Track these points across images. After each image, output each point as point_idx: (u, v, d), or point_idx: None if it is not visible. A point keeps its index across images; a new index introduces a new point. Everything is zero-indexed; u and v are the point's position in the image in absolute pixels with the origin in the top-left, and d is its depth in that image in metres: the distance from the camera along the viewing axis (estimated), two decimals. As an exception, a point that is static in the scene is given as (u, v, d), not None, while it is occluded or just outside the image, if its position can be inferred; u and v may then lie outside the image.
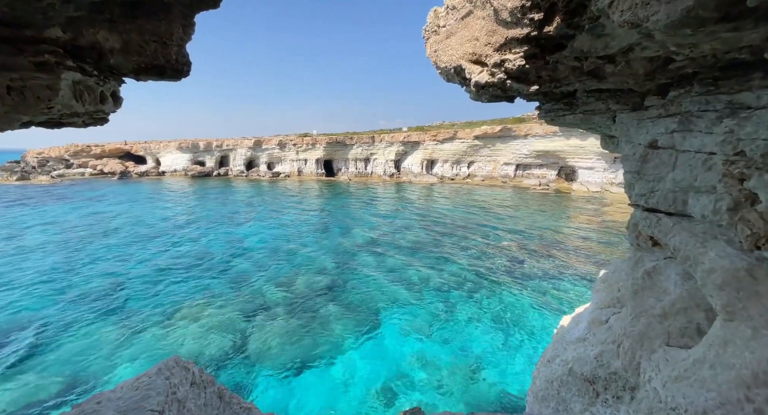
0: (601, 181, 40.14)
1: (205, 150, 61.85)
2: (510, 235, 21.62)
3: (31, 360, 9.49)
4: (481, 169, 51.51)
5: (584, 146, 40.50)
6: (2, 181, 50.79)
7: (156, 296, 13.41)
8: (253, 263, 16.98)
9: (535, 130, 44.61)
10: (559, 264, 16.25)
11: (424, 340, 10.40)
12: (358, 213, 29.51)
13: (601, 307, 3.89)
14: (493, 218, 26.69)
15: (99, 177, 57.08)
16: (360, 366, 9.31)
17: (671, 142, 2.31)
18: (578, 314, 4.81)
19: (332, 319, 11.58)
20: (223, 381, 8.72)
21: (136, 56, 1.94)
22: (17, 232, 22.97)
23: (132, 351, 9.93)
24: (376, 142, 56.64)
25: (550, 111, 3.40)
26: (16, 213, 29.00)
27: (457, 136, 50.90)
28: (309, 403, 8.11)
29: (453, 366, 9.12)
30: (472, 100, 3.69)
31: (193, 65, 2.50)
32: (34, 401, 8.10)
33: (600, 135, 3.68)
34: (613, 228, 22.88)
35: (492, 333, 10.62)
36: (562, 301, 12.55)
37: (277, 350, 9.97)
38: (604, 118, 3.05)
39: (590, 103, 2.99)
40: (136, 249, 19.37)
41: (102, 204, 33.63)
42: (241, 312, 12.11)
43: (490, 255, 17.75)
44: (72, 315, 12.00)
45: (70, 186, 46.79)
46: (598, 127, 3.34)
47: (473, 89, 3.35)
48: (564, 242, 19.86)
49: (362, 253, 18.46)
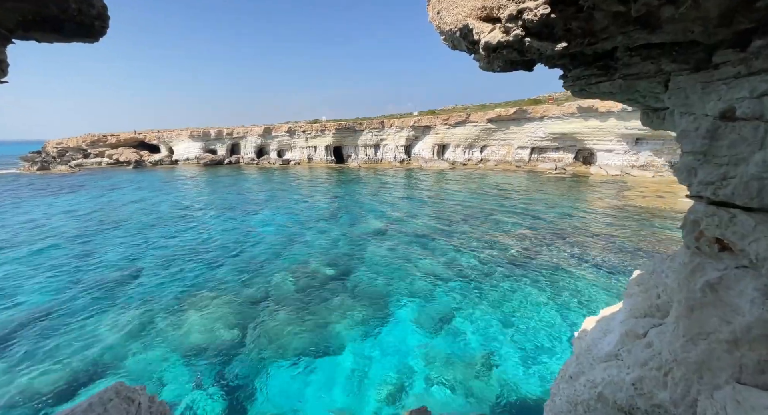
0: (621, 164, 38.31)
1: (216, 138, 62.05)
2: (525, 222, 20.79)
3: (38, 348, 9.58)
4: (494, 154, 49.98)
5: (604, 127, 38.54)
6: (24, 171, 52.36)
7: (167, 284, 13.42)
8: (262, 251, 16.84)
9: (552, 111, 42.67)
10: (577, 253, 15.48)
11: (434, 334, 10.01)
12: (368, 200, 29.04)
13: (637, 315, 3.30)
14: (506, 204, 25.78)
15: (115, 166, 58.18)
16: (368, 360, 9.03)
17: (758, 110, 1.67)
18: (604, 318, 4.22)
19: (341, 310, 11.31)
20: (231, 372, 8.59)
21: (13, 1, 1.41)
22: (36, 220, 23.51)
23: (142, 340, 9.92)
24: (386, 127, 55.50)
25: (579, 78, 2.73)
26: (36, 202, 29.75)
27: (470, 120, 49.26)
28: (315, 395, 7.89)
29: (462, 363, 8.72)
30: (483, 69, 3.03)
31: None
32: (41, 390, 8.14)
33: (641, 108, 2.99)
34: (635, 213, 21.73)
35: (506, 329, 10.12)
36: (581, 295, 11.89)
37: (285, 340, 9.78)
38: (652, 84, 2.39)
39: (634, 64, 2.33)
40: (147, 237, 19.52)
41: (116, 193, 34.19)
42: (250, 301, 11.99)
43: (504, 244, 17.08)
44: (83, 302, 12.10)
45: (87, 175, 47.85)
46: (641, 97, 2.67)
47: (483, 54, 2.70)
48: (582, 229, 18.95)
49: (372, 241, 18.07)
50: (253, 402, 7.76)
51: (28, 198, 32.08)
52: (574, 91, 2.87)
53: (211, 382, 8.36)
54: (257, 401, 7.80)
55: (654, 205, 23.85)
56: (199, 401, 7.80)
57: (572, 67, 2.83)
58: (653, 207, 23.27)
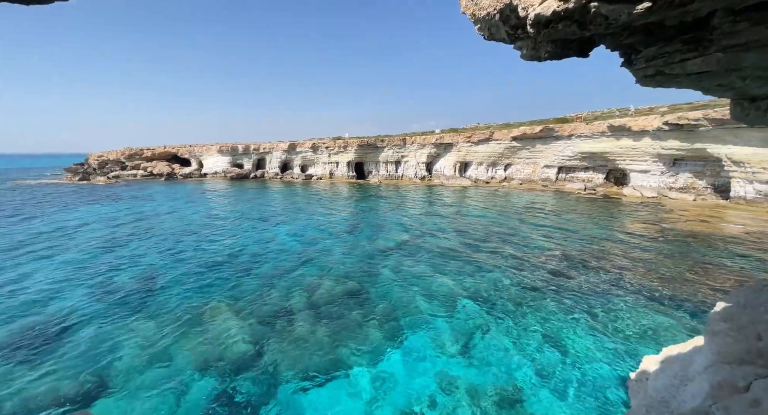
0: (657, 186, 36.10)
1: (243, 153, 64.30)
2: (553, 242, 19.59)
3: (53, 353, 9.52)
4: (518, 172, 48.68)
5: (637, 147, 36.74)
6: (66, 181, 56.14)
7: (183, 295, 13.33)
8: (281, 264, 16.62)
9: (580, 129, 41.34)
10: (613, 278, 14.22)
11: (455, 358, 9.18)
12: (388, 216, 28.61)
13: (729, 361, 2.58)
14: (533, 223, 24.58)
15: (149, 178, 61.21)
16: (385, 382, 8.33)
17: None
18: (672, 358, 3.46)
19: (357, 328, 10.71)
20: (241, 388, 8.13)
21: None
22: (70, 228, 24.62)
23: (157, 348, 9.70)
24: (408, 144, 55.65)
25: (656, 58, 2.21)
26: (76, 210, 31.38)
27: (493, 138, 48.56)
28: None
29: (485, 392, 7.83)
30: (526, 58, 2.57)
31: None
32: (54, 395, 7.96)
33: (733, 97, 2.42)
34: (676, 238, 20.03)
35: (534, 359, 9.13)
36: (620, 324, 10.71)
37: (300, 357, 9.27)
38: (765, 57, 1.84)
39: (741, 31, 1.79)
40: (172, 246, 19.85)
41: (148, 203, 35.62)
42: (268, 314, 11.64)
43: (530, 265, 16.01)
44: (101, 309, 12.14)
45: (123, 186, 50.48)
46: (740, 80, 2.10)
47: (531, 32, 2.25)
48: (618, 252, 17.56)
49: (391, 258, 17.48)
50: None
51: (73, 205, 33.95)
52: (646, 75, 2.34)
53: (224, 396, 7.91)
54: (263, 424, 7.26)
55: (698, 229, 21.98)
56: None
57: (645, 44, 2.32)
58: (697, 231, 21.43)
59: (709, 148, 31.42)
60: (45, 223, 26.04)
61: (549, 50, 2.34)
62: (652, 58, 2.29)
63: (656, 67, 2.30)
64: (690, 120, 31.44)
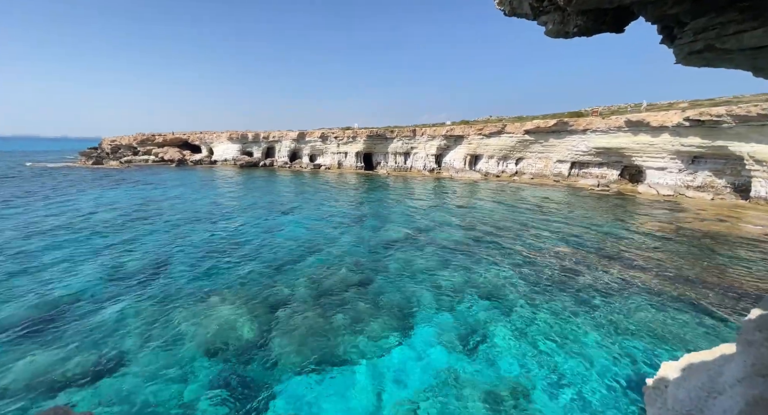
0: (674, 184, 35.03)
1: (253, 141, 64.43)
2: (563, 239, 19.19)
3: (60, 333, 9.69)
4: (530, 167, 47.76)
5: (655, 143, 35.58)
6: (80, 164, 57.17)
7: (190, 279, 13.46)
8: (287, 253, 16.64)
9: (596, 124, 40.18)
10: (624, 277, 13.85)
11: (458, 354, 9.05)
12: (395, 208, 28.40)
13: (765, 373, 2.36)
14: (543, 219, 24.11)
15: (160, 164, 61.95)
16: (387, 375, 8.27)
17: None
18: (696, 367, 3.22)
19: (362, 319, 10.65)
20: (244, 374, 8.15)
21: None
22: (84, 210, 25.06)
23: (158, 333, 9.81)
24: (417, 135, 54.97)
25: (705, 30, 1.93)
26: (88, 194, 31.94)
27: (506, 131, 47.59)
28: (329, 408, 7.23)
29: (488, 388, 7.70)
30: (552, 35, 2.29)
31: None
32: (58, 373, 8.10)
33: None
34: (692, 238, 19.41)
35: (542, 358, 8.94)
36: (629, 324, 10.42)
37: (302, 347, 9.25)
38: None
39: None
40: (179, 231, 20.06)
41: (159, 188, 36.06)
42: (270, 302, 11.65)
43: (540, 261, 15.71)
44: (109, 291, 12.32)
45: (135, 171, 51.23)
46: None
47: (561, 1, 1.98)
48: (630, 251, 17.10)
49: (397, 249, 17.34)
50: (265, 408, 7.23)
51: (85, 188, 34.58)
52: (692, 51, 2.06)
53: (224, 383, 7.96)
54: (269, 408, 7.26)
55: (715, 229, 21.27)
56: (209, 403, 7.38)
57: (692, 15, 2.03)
58: (714, 232, 20.73)
59: (731, 146, 30.22)
60: (57, 203, 26.58)
61: (579, 24, 2.07)
62: (702, 31, 2.00)
63: (706, 40, 2.01)
64: (712, 116, 30.21)
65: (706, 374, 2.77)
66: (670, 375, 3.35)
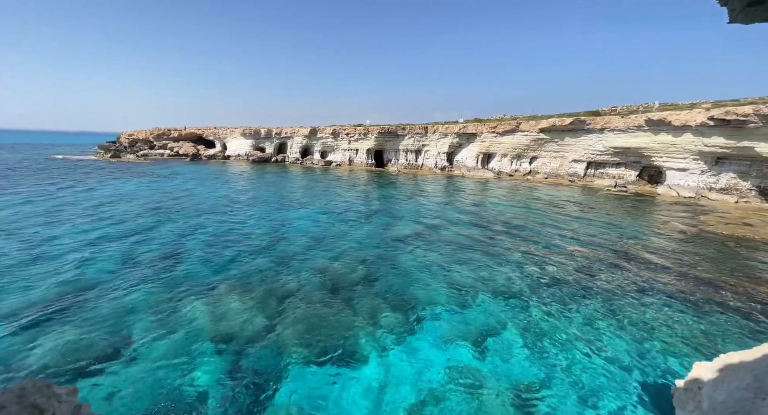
0: (696, 186, 33.79)
1: (265, 137, 65.03)
2: (579, 239, 18.66)
3: (72, 318, 9.86)
4: (545, 166, 46.83)
5: (677, 143, 34.37)
6: (99, 157, 58.76)
7: (198, 271, 13.55)
8: (296, 247, 16.64)
9: (614, 123, 39.08)
10: (643, 279, 13.34)
11: (466, 352, 8.83)
12: (406, 204, 28.18)
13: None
14: (558, 218, 23.53)
15: (175, 158, 63.10)
16: (393, 370, 8.11)
17: None
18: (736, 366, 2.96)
19: (370, 313, 10.52)
20: (250, 365, 8.12)
21: None
22: (98, 202, 25.66)
23: (169, 322, 9.87)
24: (429, 133, 54.52)
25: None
26: (102, 187, 32.73)
27: (520, 129, 46.74)
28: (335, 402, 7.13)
29: (497, 389, 7.46)
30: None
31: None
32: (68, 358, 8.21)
33: None
34: (715, 241, 18.63)
35: (553, 356, 8.65)
36: (650, 328, 10.00)
37: (309, 340, 9.17)
38: None
39: None
40: (193, 222, 20.30)
41: (174, 181, 36.70)
42: (278, 295, 11.62)
43: (554, 261, 15.29)
44: (121, 279, 12.50)
45: (151, 164, 52.26)
46: None
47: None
48: (649, 253, 16.50)
49: (406, 246, 17.16)
50: (271, 399, 7.17)
51: (103, 180, 35.47)
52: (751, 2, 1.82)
53: (233, 372, 7.94)
54: (274, 399, 7.21)
55: (740, 233, 20.36)
56: (217, 390, 7.37)
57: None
58: (738, 235, 19.86)
59: (758, 146, 28.94)
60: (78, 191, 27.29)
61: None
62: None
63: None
64: (738, 115, 28.97)
65: (751, 375, 2.52)
66: (704, 376, 3.10)
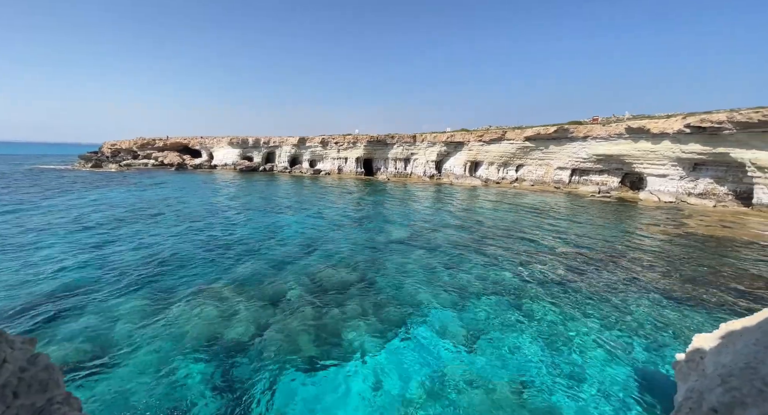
0: (675, 191, 34.86)
1: (253, 146, 64.47)
2: (565, 242, 18.82)
3: (54, 326, 9.22)
4: (531, 173, 47.70)
5: (656, 150, 35.57)
6: (79, 167, 57.04)
7: (187, 276, 13.03)
8: (285, 253, 16.22)
9: (597, 131, 40.29)
10: (629, 278, 13.45)
11: (457, 352, 8.62)
12: (395, 211, 28.08)
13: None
14: (545, 223, 23.78)
15: (159, 168, 61.78)
16: (384, 373, 7.80)
17: None
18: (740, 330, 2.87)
19: (360, 317, 10.21)
20: (235, 371, 7.69)
21: None
22: (80, 209, 24.67)
23: (153, 327, 9.36)
24: (418, 141, 55.09)
25: None
26: (84, 195, 31.58)
27: (506, 137, 47.71)
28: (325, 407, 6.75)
29: (487, 387, 7.24)
30: None
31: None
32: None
33: None
34: (697, 242, 19.07)
35: (540, 353, 8.50)
36: (637, 323, 10.00)
37: (299, 344, 8.81)
38: None
39: None
40: (180, 230, 19.65)
41: (159, 190, 35.73)
42: (268, 300, 11.20)
43: (542, 262, 15.31)
44: (106, 286, 11.88)
45: (135, 174, 50.92)
46: None
47: None
48: (635, 254, 16.72)
49: (396, 250, 16.95)
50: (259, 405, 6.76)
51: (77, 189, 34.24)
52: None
53: (220, 378, 7.49)
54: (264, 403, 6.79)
55: (720, 234, 20.94)
56: (204, 397, 6.91)
57: None
58: (719, 236, 20.40)
59: (733, 152, 30.17)
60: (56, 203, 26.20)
61: None
62: None
63: None
64: (713, 123, 30.25)
65: (760, 331, 2.41)
66: (706, 345, 3.00)
